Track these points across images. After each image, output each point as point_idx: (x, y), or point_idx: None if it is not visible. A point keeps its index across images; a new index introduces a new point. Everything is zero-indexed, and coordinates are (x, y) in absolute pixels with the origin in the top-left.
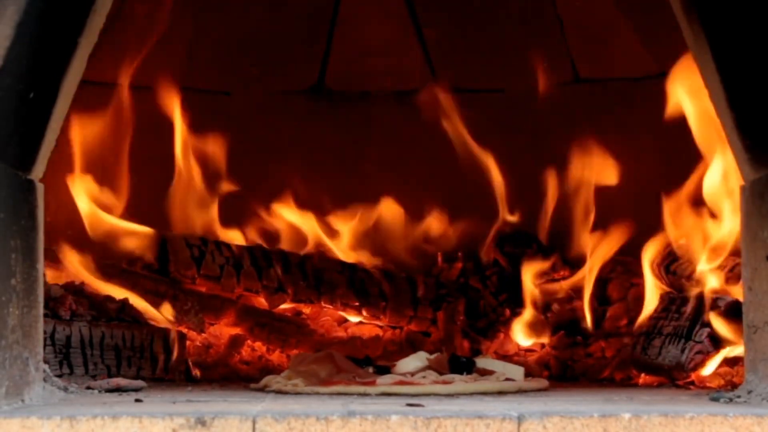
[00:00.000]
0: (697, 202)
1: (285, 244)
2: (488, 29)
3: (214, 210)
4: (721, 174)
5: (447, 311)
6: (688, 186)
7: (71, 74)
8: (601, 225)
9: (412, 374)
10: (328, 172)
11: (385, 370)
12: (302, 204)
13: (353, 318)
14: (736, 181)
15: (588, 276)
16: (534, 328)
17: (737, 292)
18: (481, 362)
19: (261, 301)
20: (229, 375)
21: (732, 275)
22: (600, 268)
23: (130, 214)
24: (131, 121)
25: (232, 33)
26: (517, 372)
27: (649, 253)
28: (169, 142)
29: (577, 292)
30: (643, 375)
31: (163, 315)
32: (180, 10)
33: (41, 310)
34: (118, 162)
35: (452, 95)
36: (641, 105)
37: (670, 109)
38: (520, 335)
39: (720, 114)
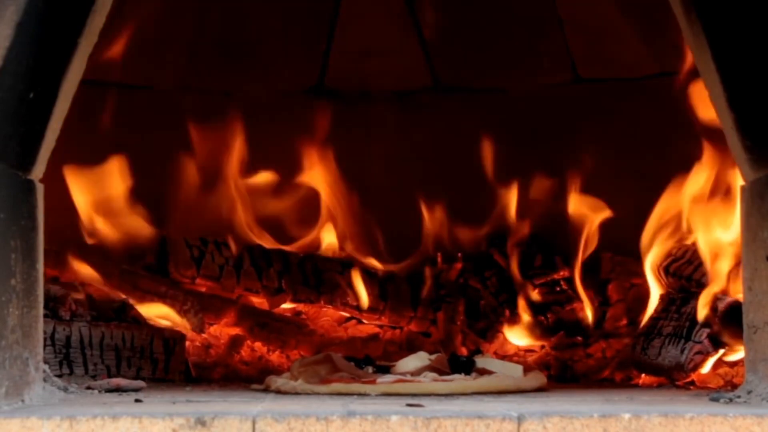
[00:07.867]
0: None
1: (284, 244)
2: (488, 29)
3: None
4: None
5: (447, 312)
6: (689, 185)
7: (71, 74)
8: (601, 225)
9: (412, 374)
10: (327, 172)
11: (385, 370)
12: (302, 204)
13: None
14: None
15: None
16: (531, 330)
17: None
18: (481, 362)
19: (261, 301)
20: (229, 375)
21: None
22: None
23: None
24: None
25: (232, 33)
26: (516, 371)
27: (649, 253)
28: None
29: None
30: (643, 375)
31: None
32: (180, 10)
33: (41, 310)
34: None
35: None
36: (641, 105)
37: None
38: (517, 337)
39: (720, 114)
